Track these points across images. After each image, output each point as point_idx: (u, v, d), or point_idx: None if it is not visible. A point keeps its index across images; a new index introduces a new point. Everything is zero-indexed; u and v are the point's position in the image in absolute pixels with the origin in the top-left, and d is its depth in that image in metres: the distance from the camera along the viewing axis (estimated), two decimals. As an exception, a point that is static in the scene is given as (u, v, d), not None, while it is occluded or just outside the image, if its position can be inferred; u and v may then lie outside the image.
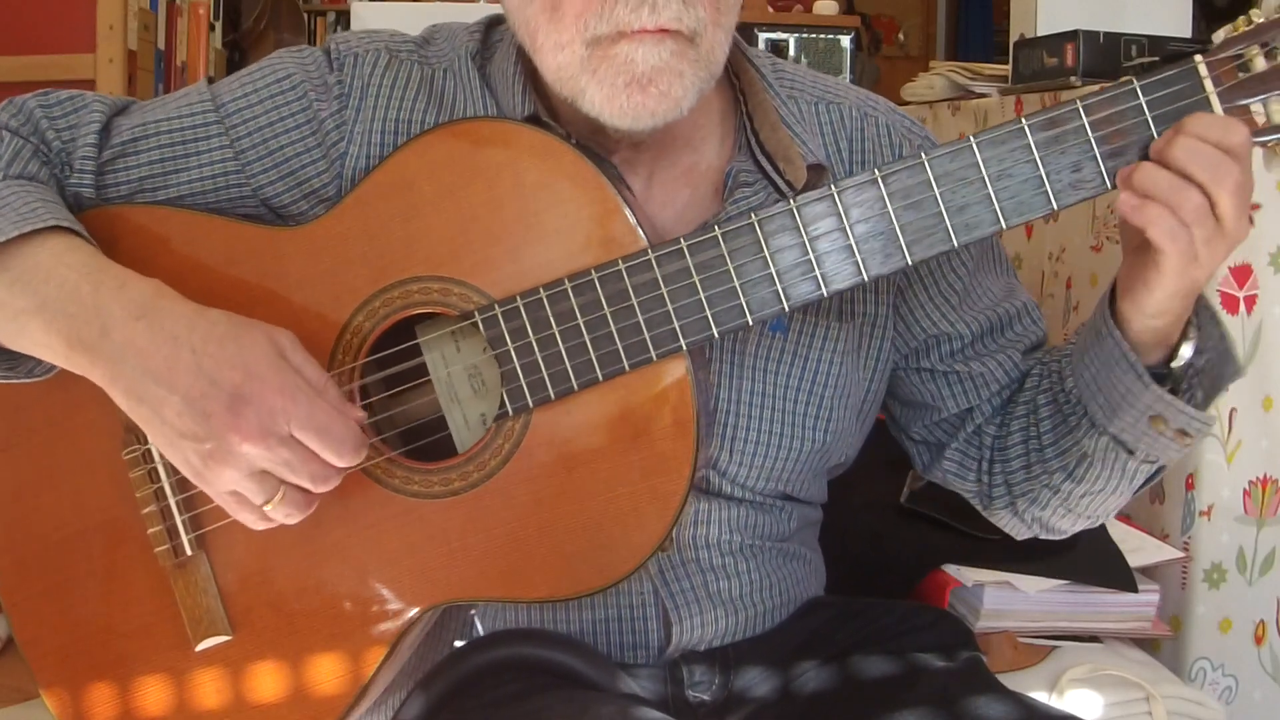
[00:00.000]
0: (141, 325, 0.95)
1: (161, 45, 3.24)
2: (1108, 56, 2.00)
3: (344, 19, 5.61)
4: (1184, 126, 0.94)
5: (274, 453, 0.93)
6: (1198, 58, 0.95)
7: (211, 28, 3.48)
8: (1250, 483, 1.65)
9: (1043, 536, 1.24)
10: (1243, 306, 1.64)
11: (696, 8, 0.98)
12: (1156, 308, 0.98)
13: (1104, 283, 1.81)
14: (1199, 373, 1.05)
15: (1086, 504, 1.14)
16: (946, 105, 2.56)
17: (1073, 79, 2.01)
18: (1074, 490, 1.13)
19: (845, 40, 4.68)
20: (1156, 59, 1.93)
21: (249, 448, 0.93)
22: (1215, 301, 1.63)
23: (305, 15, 5.34)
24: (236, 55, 3.99)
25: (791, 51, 4.57)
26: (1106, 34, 2.01)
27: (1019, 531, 1.24)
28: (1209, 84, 0.95)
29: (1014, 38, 2.31)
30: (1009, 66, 2.27)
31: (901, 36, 7.22)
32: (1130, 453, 1.07)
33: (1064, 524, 1.19)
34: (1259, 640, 1.68)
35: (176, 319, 0.95)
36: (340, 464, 0.96)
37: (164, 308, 0.96)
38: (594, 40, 0.98)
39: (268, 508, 0.96)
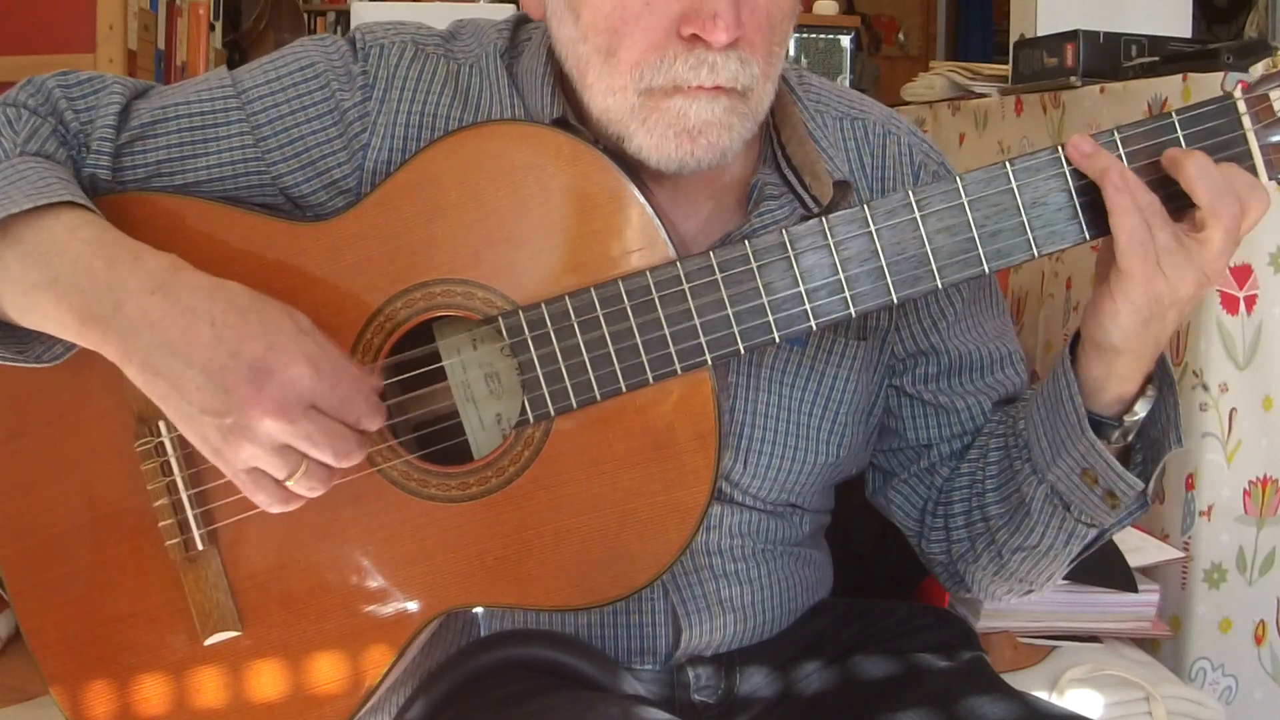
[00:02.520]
0: (157, 298, 0.93)
1: (161, 45, 3.23)
2: (1108, 56, 2.01)
3: (344, 19, 5.61)
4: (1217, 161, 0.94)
5: (296, 426, 0.91)
6: (1237, 93, 0.95)
7: (211, 28, 3.48)
8: (1250, 483, 1.66)
9: (974, 595, 1.21)
10: (1243, 306, 1.64)
11: (752, 65, 0.99)
12: (1120, 329, 0.96)
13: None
14: (1151, 443, 1.04)
15: (1019, 561, 1.12)
16: (946, 105, 2.57)
17: (1073, 79, 2.02)
18: (1009, 542, 1.11)
19: (845, 40, 4.69)
20: (1156, 59, 1.93)
21: (270, 422, 0.91)
22: (1215, 300, 1.64)
23: (305, 15, 5.34)
24: (236, 55, 3.99)
25: (791, 51, 4.56)
26: (1106, 34, 2.01)
27: (951, 587, 1.22)
28: (1247, 120, 0.95)
29: (1014, 38, 2.32)
30: (1009, 66, 2.28)
31: (901, 36, 7.22)
32: (1067, 508, 1.06)
33: (995, 586, 1.17)
34: (1259, 640, 1.69)
35: (194, 291, 0.94)
36: (364, 429, 0.95)
37: (181, 280, 0.94)
38: (648, 90, 0.98)
39: (290, 482, 0.95)
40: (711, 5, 0.95)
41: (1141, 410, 1.02)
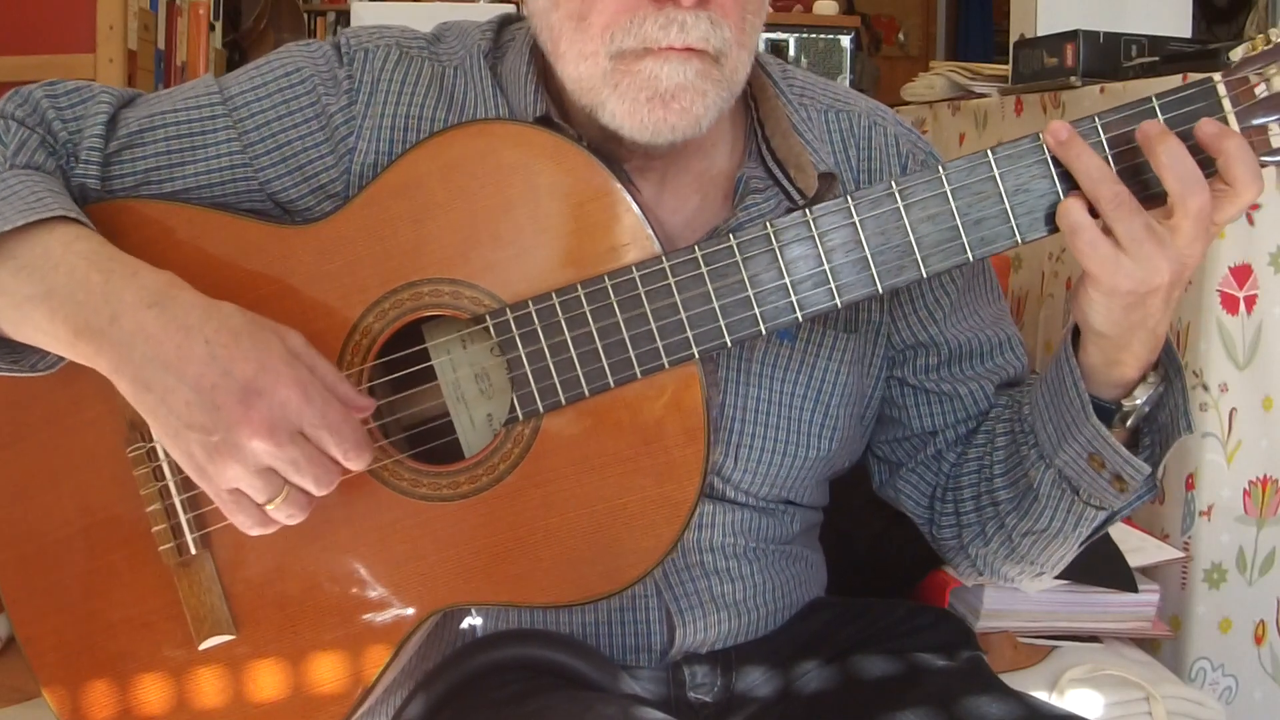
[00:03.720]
0: (153, 313, 0.94)
1: (161, 45, 3.24)
2: (1108, 56, 2.00)
3: (344, 19, 5.61)
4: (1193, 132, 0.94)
5: (282, 450, 0.92)
6: (1216, 76, 0.95)
7: (211, 28, 3.49)
8: (1250, 483, 1.66)
9: (987, 580, 1.22)
10: (1243, 306, 1.64)
11: (723, 28, 0.99)
12: (1100, 316, 0.96)
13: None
14: (1160, 428, 1.04)
15: (1029, 545, 1.12)
16: (946, 105, 2.56)
17: (1073, 79, 2.01)
18: (1018, 526, 1.11)
19: (845, 40, 4.69)
20: (1156, 59, 1.93)
21: (258, 443, 0.92)
22: (1215, 300, 1.64)
23: (305, 15, 5.34)
24: (236, 55, 3.99)
25: (791, 51, 4.58)
26: (1106, 34, 2.01)
27: (964, 571, 1.22)
28: (1227, 103, 0.95)
29: (1014, 38, 2.32)
30: (1009, 66, 2.28)
31: (901, 36, 7.23)
32: (1075, 491, 1.05)
33: (1007, 569, 1.17)
34: (1259, 640, 1.68)
35: (190, 309, 0.95)
36: (347, 464, 0.96)
37: (177, 297, 0.95)
38: (619, 54, 0.98)
39: (269, 507, 0.96)
40: None
41: (1141, 396, 1.02)
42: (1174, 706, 1.45)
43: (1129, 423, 1.03)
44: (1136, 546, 1.61)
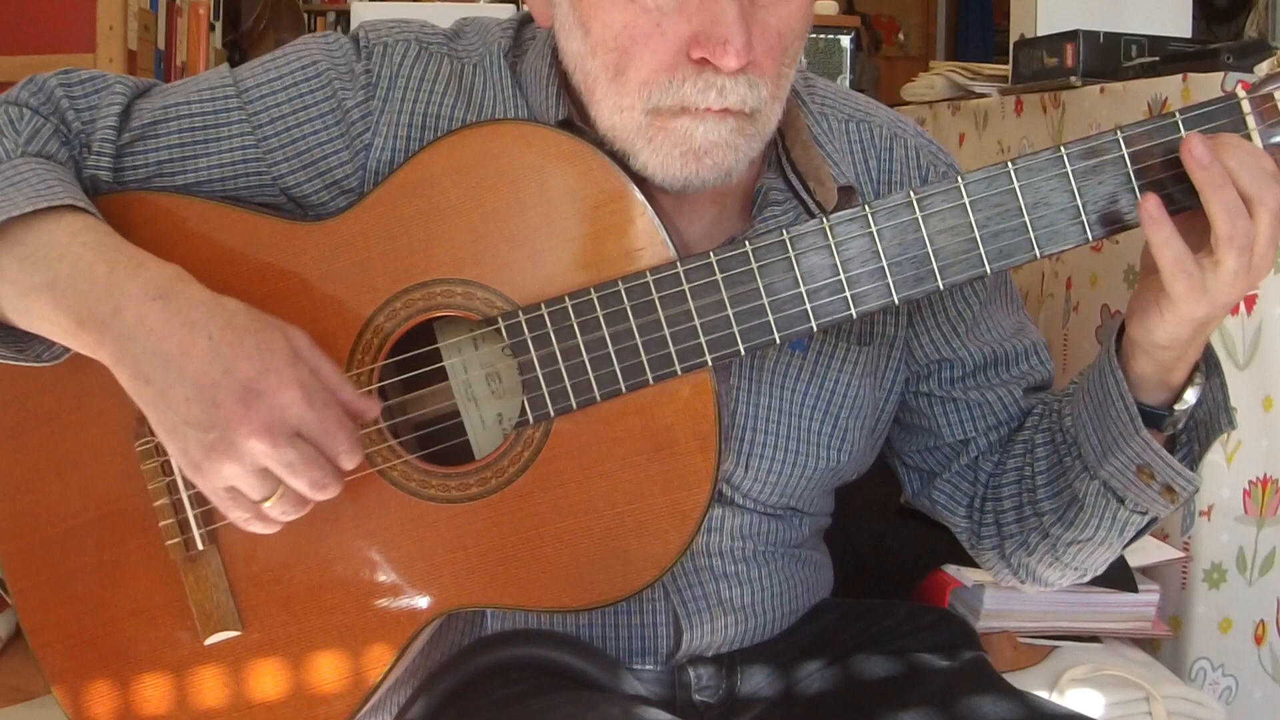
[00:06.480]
0: (157, 306, 0.93)
1: (161, 45, 3.24)
2: (1108, 56, 2.00)
3: (344, 19, 5.61)
4: (1223, 139, 0.93)
5: (279, 451, 0.92)
6: (1240, 92, 0.95)
7: (211, 28, 3.49)
8: (1250, 483, 1.66)
9: (1027, 586, 1.22)
10: (1243, 306, 1.64)
11: (760, 88, 0.98)
12: (1167, 334, 0.96)
13: (1104, 283, 1.82)
14: (1198, 424, 1.04)
15: (1074, 553, 1.12)
16: (946, 105, 2.56)
17: (1073, 79, 2.01)
18: (1062, 536, 1.11)
19: (845, 40, 4.69)
20: (1156, 59, 1.93)
21: (255, 443, 0.91)
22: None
23: (305, 15, 5.34)
24: (236, 55, 3.99)
25: (791, 52, 4.56)
26: (1106, 34, 2.01)
27: (1004, 578, 1.22)
28: (1251, 120, 0.94)
29: (1014, 38, 2.32)
30: (1009, 66, 2.28)
31: (901, 36, 7.23)
32: (1120, 501, 1.05)
33: (1050, 574, 1.17)
34: (1259, 640, 1.68)
35: (195, 304, 0.94)
36: (340, 465, 0.95)
37: (182, 291, 0.95)
38: (654, 110, 0.98)
39: (265, 505, 0.95)
40: (722, 30, 0.94)
41: (1191, 398, 1.01)
42: (1174, 706, 1.45)
43: (1178, 426, 1.03)
44: (1137, 546, 1.59)
